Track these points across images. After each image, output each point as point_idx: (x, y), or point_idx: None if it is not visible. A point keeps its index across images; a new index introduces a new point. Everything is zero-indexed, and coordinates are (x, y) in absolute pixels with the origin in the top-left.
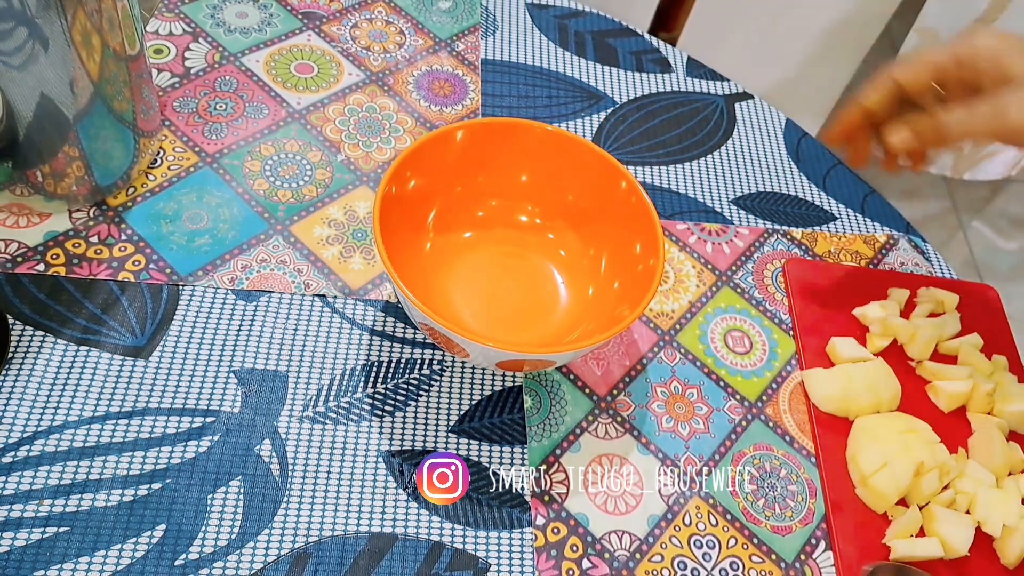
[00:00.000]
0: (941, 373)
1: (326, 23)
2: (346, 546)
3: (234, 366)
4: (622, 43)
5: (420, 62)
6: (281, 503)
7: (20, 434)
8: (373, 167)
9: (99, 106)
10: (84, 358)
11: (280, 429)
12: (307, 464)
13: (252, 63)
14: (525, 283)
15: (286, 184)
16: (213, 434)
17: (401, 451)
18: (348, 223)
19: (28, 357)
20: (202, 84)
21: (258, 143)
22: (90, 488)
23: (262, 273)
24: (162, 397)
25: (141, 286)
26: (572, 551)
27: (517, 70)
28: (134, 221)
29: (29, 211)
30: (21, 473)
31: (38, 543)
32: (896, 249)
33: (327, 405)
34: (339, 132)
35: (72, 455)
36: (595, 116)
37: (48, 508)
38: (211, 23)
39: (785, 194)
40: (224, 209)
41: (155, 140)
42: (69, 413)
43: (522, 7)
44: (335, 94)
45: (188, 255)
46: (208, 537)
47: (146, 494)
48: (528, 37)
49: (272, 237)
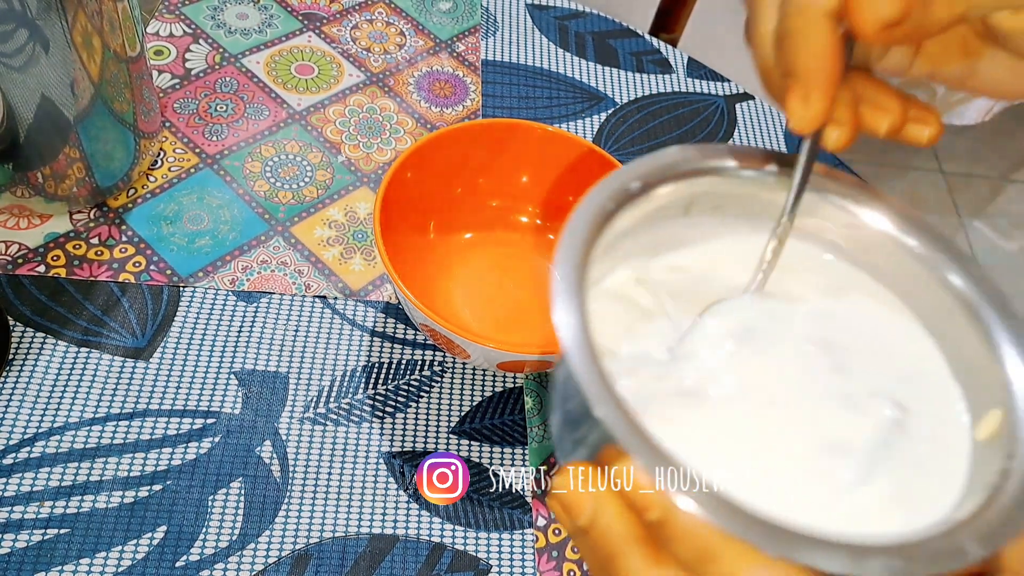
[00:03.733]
0: None
1: (326, 24)
2: (347, 548)
3: (235, 367)
4: (623, 44)
5: (420, 63)
6: (282, 504)
7: (21, 436)
8: (374, 168)
9: (100, 108)
10: (85, 359)
11: (281, 430)
12: (308, 465)
13: (252, 64)
14: (526, 284)
15: (287, 185)
16: (214, 435)
17: (402, 452)
18: (349, 224)
19: (29, 359)
20: (202, 85)
21: (259, 144)
22: (91, 490)
23: (263, 274)
24: (163, 398)
25: (142, 287)
26: (574, 552)
27: (517, 71)
28: (135, 222)
29: (30, 212)
30: (22, 475)
31: (38, 545)
32: None
33: (328, 406)
34: (340, 133)
35: (72, 457)
36: (596, 117)
37: (48, 510)
38: (211, 24)
39: None
40: (225, 210)
41: (156, 141)
42: (70, 415)
43: (522, 8)
44: (335, 95)
45: (189, 256)
46: (209, 539)
47: (147, 496)
48: (528, 38)
49: (273, 238)
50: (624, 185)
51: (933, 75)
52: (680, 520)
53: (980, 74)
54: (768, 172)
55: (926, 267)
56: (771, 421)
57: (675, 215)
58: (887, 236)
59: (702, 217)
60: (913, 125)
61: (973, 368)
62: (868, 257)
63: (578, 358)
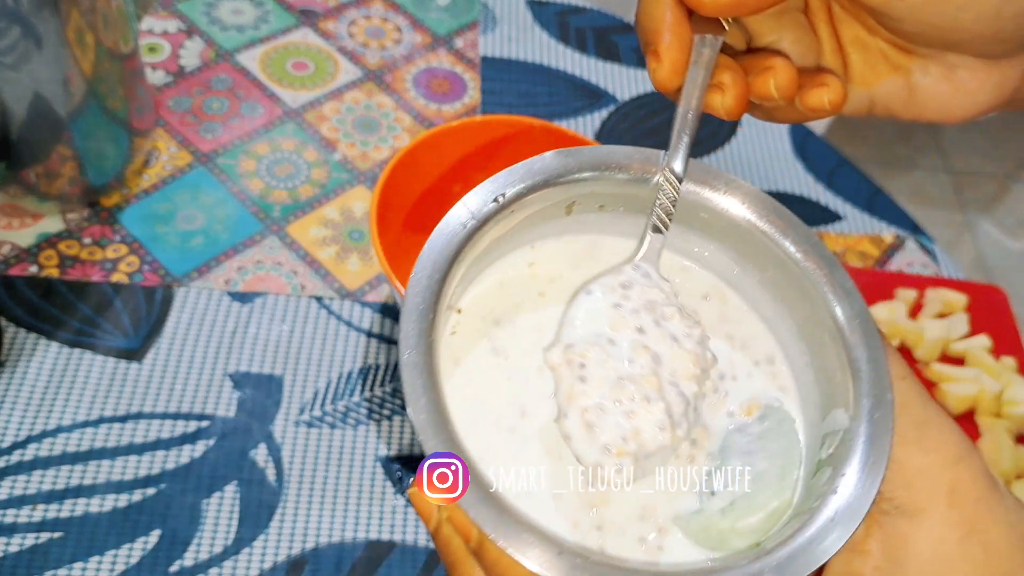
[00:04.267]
0: (949, 376)
1: (322, 20)
2: (343, 553)
3: (229, 369)
4: (624, 39)
5: (418, 59)
6: (277, 509)
7: (13, 438)
8: (370, 166)
9: (93, 105)
10: (78, 361)
11: (276, 434)
12: (303, 469)
13: (247, 61)
14: None
15: (282, 184)
16: (208, 438)
17: (399, 456)
18: (345, 223)
19: (21, 360)
20: (197, 82)
21: (253, 142)
22: (84, 493)
23: (257, 274)
24: (156, 400)
25: (135, 288)
26: None
27: (517, 67)
28: (128, 222)
29: (22, 212)
30: (14, 478)
31: (31, 549)
32: (903, 250)
33: (323, 409)
34: (336, 131)
35: (66, 459)
36: (597, 114)
37: (41, 513)
38: (206, 20)
39: (790, 193)
40: (219, 209)
41: (149, 139)
42: (63, 417)
43: (522, 3)
44: (332, 92)
45: (182, 256)
46: (203, 543)
47: (140, 499)
48: (528, 33)
49: (267, 238)
50: (490, 196)
51: (874, 103)
52: (489, 552)
53: (921, 92)
54: (649, 172)
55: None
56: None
57: (557, 215)
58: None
59: (586, 215)
60: (812, 90)
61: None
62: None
63: (407, 372)
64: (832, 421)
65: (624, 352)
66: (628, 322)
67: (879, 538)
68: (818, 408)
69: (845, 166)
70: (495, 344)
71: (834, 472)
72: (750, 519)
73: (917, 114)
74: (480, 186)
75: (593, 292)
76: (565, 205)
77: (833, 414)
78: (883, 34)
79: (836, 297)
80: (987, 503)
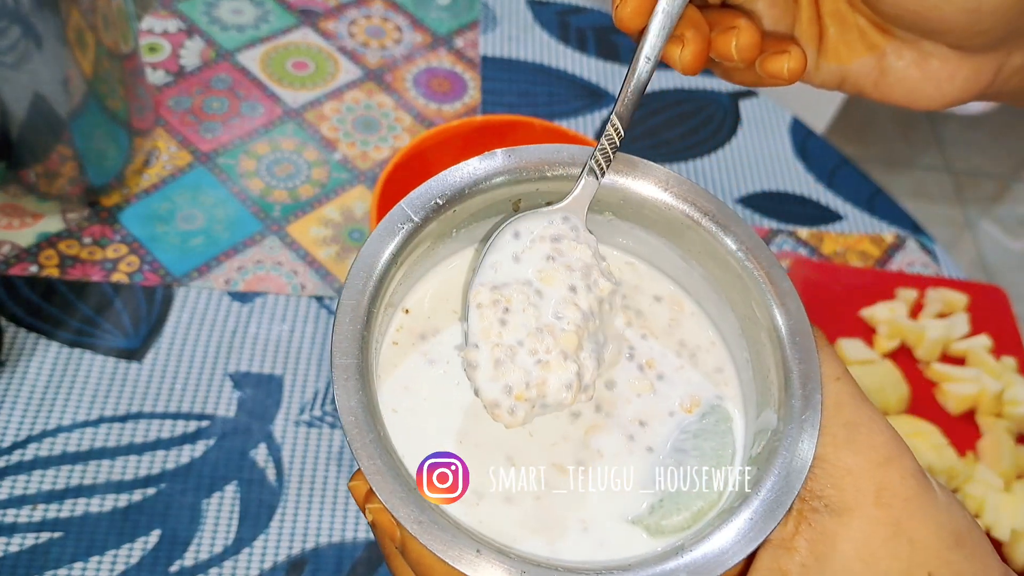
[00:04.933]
0: (950, 375)
1: (323, 19)
2: (343, 553)
3: (229, 369)
4: (624, 39)
5: (418, 59)
6: (277, 509)
7: (13, 438)
8: (371, 166)
9: (93, 105)
10: (78, 361)
11: (276, 433)
12: (303, 469)
13: (247, 60)
14: None
15: (282, 183)
16: (208, 438)
17: None
18: (345, 223)
19: (21, 360)
20: (197, 82)
21: (253, 142)
22: (84, 493)
23: (257, 274)
24: (156, 400)
25: (135, 287)
26: None
27: (517, 67)
28: (128, 221)
29: (22, 212)
30: (14, 478)
31: (31, 549)
32: (904, 249)
33: (324, 409)
34: (336, 130)
35: (66, 459)
36: (597, 114)
37: (41, 513)
38: (206, 20)
39: (791, 193)
40: (219, 209)
41: (149, 139)
42: (63, 417)
43: (522, 3)
44: (332, 91)
45: (182, 256)
46: (203, 543)
47: (140, 499)
48: (528, 33)
49: (267, 237)
50: (431, 198)
51: (844, 79)
52: (412, 550)
53: (891, 75)
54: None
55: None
56: None
57: (504, 210)
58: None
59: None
60: (773, 56)
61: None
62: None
63: (338, 374)
64: (764, 420)
65: (551, 306)
66: (561, 279)
67: (807, 536)
68: (755, 407)
69: (845, 166)
70: (429, 354)
71: (759, 472)
72: (675, 518)
73: (884, 95)
74: (422, 186)
75: (521, 237)
76: (512, 202)
77: (765, 414)
78: (864, 11)
79: (774, 297)
80: (917, 502)
